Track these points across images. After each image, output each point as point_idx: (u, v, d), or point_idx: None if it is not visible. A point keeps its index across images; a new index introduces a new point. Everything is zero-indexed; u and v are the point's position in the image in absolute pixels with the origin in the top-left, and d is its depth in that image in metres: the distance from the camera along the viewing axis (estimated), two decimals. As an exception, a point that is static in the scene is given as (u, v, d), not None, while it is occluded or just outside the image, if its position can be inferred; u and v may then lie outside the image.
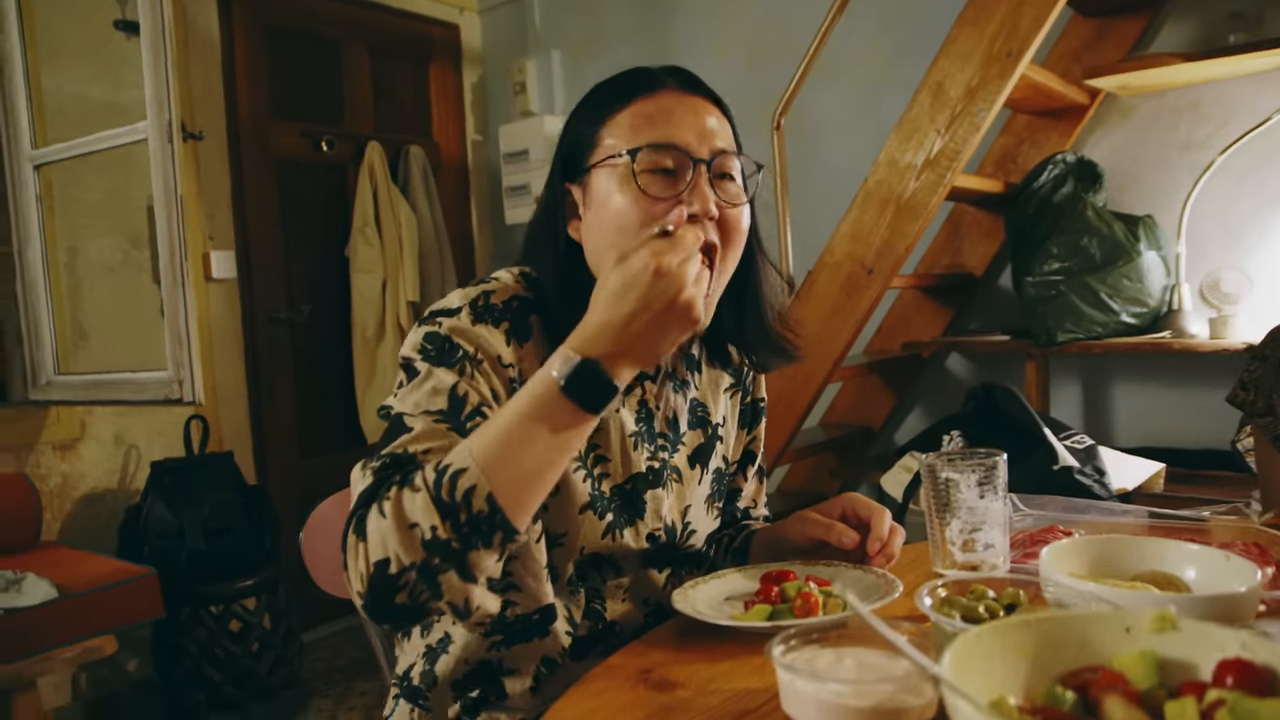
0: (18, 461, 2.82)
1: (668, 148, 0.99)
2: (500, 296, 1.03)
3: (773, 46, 3.35)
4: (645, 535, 1.11)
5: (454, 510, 0.82)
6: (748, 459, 1.32)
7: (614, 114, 1.03)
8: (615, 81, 1.07)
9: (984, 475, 0.98)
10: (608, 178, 1.01)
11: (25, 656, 2.16)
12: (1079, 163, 2.63)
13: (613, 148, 1.01)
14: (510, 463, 0.83)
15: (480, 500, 0.82)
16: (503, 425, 0.84)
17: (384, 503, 0.85)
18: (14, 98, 2.79)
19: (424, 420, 0.94)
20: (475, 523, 0.82)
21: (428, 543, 0.82)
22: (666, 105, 1.02)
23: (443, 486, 0.83)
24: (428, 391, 0.96)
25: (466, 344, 0.99)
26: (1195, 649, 0.59)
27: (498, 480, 0.83)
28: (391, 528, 0.83)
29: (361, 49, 3.85)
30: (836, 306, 2.53)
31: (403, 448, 0.92)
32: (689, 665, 0.89)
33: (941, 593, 0.81)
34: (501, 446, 0.83)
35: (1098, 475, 2.02)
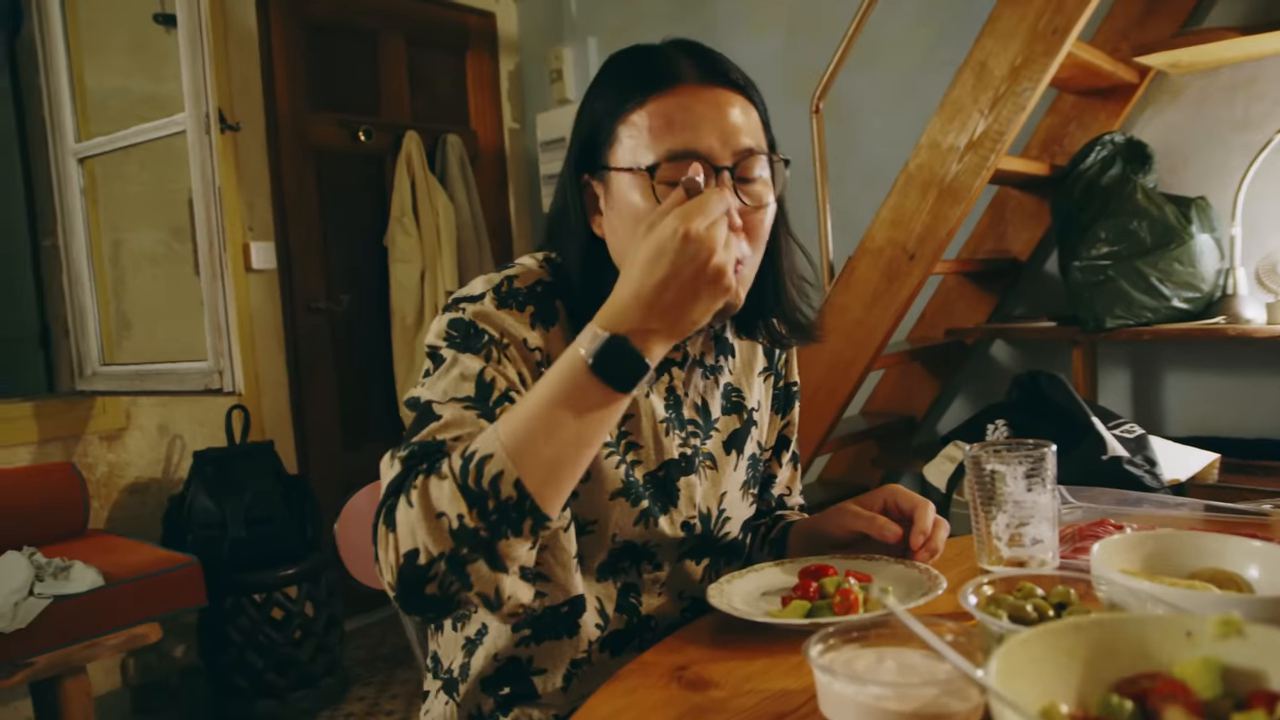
0: (66, 451, 2.87)
1: (687, 157, 0.94)
2: (524, 281, 1.01)
3: (812, 27, 3.29)
4: (680, 523, 1.09)
5: (481, 498, 0.80)
6: (782, 444, 1.29)
7: (630, 110, 0.97)
8: (629, 67, 1.01)
9: (1031, 467, 0.95)
10: (628, 185, 0.97)
11: (73, 643, 2.20)
12: (1128, 143, 2.56)
13: (631, 152, 0.96)
14: (538, 447, 0.81)
15: (508, 487, 0.80)
16: (530, 409, 0.82)
17: (411, 492, 0.83)
18: (58, 92, 2.83)
19: (452, 407, 0.92)
20: (504, 510, 0.80)
21: (455, 532, 0.80)
22: (685, 104, 0.95)
23: (469, 474, 0.81)
24: (454, 378, 0.94)
25: (491, 329, 0.97)
26: (1264, 656, 0.55)
27: (525, 466, 0.80)
28: (419, 517, 0.81)
29: (398, 39, 3.85)
30: (877, 293, 2.49)
31: (431, 436, 0.90)
32: (724, 663, 0.86)
33: (987, 590, 0.77)
34: (529, 431, 0.81)
35: (1148, 465, 1.96)
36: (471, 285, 1.03)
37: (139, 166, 3.03)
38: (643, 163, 0.95)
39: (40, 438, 2.81)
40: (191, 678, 3.06)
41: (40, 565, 2.25)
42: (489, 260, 3.93)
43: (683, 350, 1.11)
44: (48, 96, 2.83)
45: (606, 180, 1.00)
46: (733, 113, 0.97)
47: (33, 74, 2.87)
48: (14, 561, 2.22)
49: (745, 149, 0.96)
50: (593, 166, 1.02)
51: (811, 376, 2.56)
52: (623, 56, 1.04)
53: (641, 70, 0.99)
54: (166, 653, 3.06)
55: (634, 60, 1.01)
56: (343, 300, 3.63)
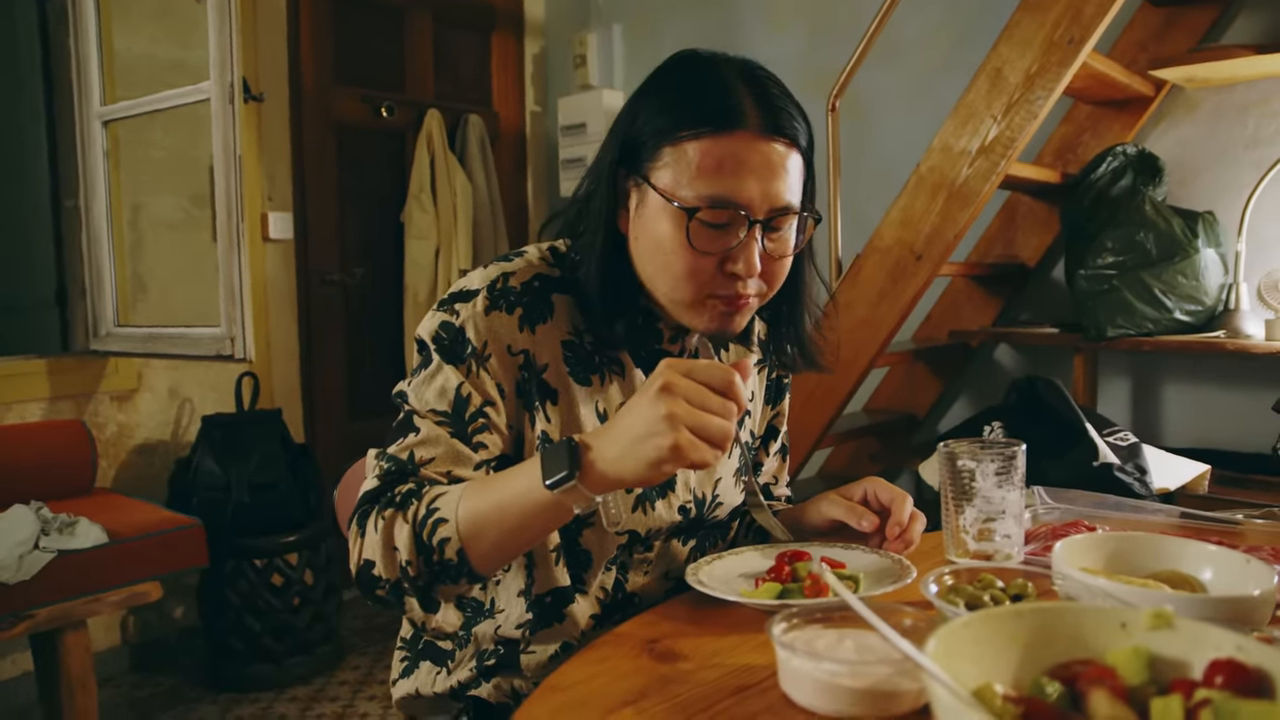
0: (77, 409, 2.92)
1: (726, 205, 0.96)
2: (520, 278, 1.04)
3: (835, 23, 3.31)
4: (677, 507, 1.13)
5: (428, 551, 0.91)
6: (770, 434, 1.32)
7: (684, 138, 0.97)
8: (694, 89, 0.99)
9: (1002, 465, 0.98)
10: (661, 210, 0.98)
11: (76, 597, 2.24)
12: (1139, 155, 2.57)
13: (674, 177, 0.97)
14: (487, 531, 0.90)
15: (451, 552, 0.91)
16: (488, 497, 0.90)
17: (380, 518, 0.94)
18: (86, 55, 2.87)
19: (429, 423, 1.00)
20: (444, 566, 0.92)
21: (402, 567, 0.92)
22: (739, 153, 0.96)
23: (424, 528, 0.91)
24: (436, 390, 1.01)
25: (476, 339, 1.02)
26: (1190, 648, 0.58)
27: (471, 544, 0.90)
28: (379, 544, 0.93)
29: (425, 17, 3.88)
30: (883, 292, 2.51)
31: (408, 451, 0.99)
32: (695, 638, 0.90)
33: (948, 580, 0.81)
34: (483, 517, 0.90)
35: (1139, 473, 1.99)
36: (469, 278, 1.06)
37: (162, 132, 3.07)
38: (685, 196, 0.96)
39: (52, 395, 2.87)
40: (190, 638, 3.11)
41: (46, 520, 2.29)
42: (504, 241, 3.96)
43: (680, 343, 1.14)
44: (76, 59, 2.87)
45: (643, 188, 1.01)
46: (780, 170, 0.98)
47: (62, 37, 2.91)
48: (21, 515, 2.26)
49: (782, 207, 0.99)
50: (632, 167, 1.03)
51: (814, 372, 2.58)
52: (688, 70, 1.03)
53: (706, 100, 0.98)
54: (166, 613, 3.12)
55: (700, 83, 1.00)
56: (356, 273, 3.67)
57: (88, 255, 2.92)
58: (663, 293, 1.03)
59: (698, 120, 0.97)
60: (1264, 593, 0.76)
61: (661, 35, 3.82)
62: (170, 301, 3.11)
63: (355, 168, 3.67)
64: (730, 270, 0.98)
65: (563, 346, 1.06)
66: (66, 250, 3.05)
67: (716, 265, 0.98)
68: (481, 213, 3.87)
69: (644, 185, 1.00)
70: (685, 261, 0.98)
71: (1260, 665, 0.54)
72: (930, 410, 3.24)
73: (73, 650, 2.31)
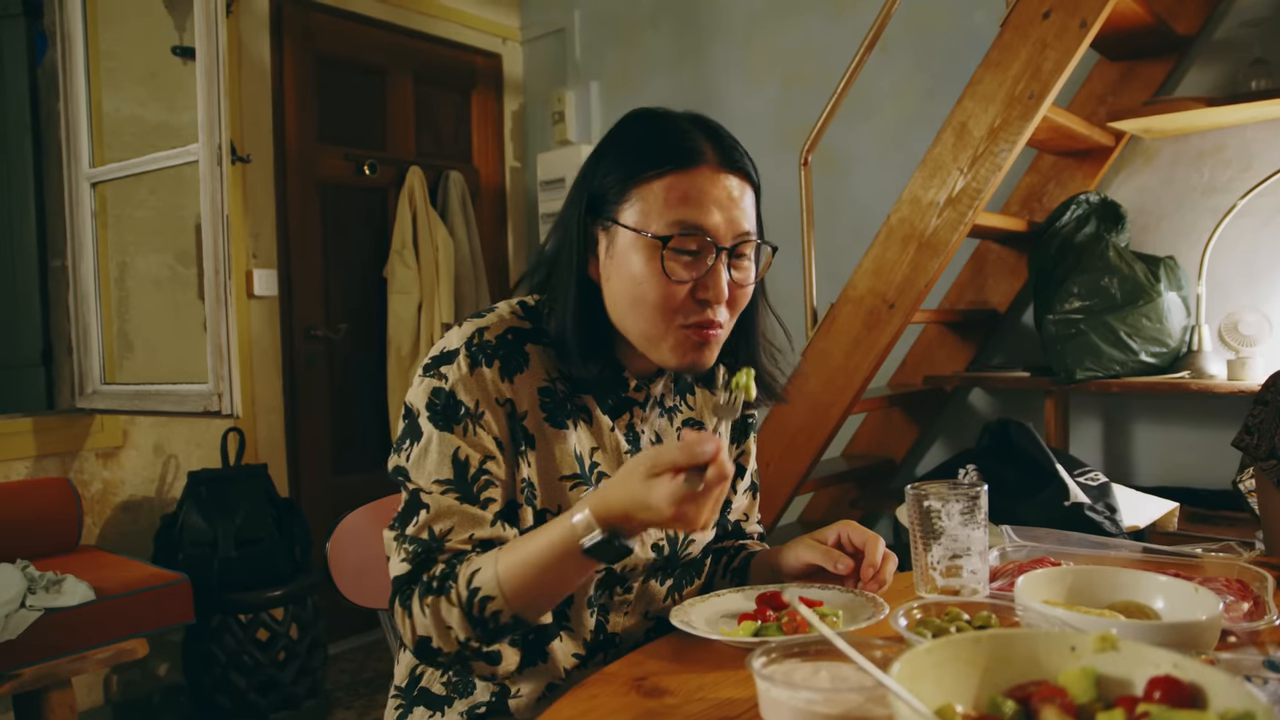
0: (62, 467, 2.93)
1: (695, 232, 1.04)
2: (494, 332, 1.10)
3: (807, 79, 3.42)
4: (651, 545, 1.18)
5: (483, 624, 0.99)
6: (737, 472, 1.37)
7: (649, 179, 1.06)
8: (654, 135, 1.08)
9: (966, 505, 1.03)
10: (633, 245, 1.06)
11: (62, 655, 2.24)
12: (1102, 203, 2.66)
13: (642, 215, 1.05)
14: (530, 592, 0.98)
15: (505, 618, 0.99)
16: (527, 564, 0.97)
17: (424, 604, 1.01)
18: (76, 119, 2.93)
19: (436, 495, 1.05)
20: (500, 629, 1.00)
21: (462, 643, 1.01)
22: (702, 185, 1.05)
23: (473, 607, 0.99)
24: (435, 459, 1.06)
25: (468, 399, 1.07)
26: (1133, 667, 0.63)
27: (519, 605, 0.99)
28: (431, 626, 1.01)
29: (406, 77, 3.97)
30: (858, 340, 2.57)
31: (425, 529, 1.05)
32: (679, 675, 0.94)
33: (917, 614, 0.85)
34: (523, 583, 0.98)
35: (1109, 512, 2.04)
36: (447, 339, 1.11)
37: (148, 192, 3.12)
38: (655, 229, 1.04)
39: (38, 453, 2.88)
40: (173, 696, 3.10)
41: (33, 578, 2.29)
42: (485, 294, 4.02)
43: (645, 391, 1.20)
44: (66, 122, 2.93)
45: (612, 233, 1.08)
46: (739, 200, 1.08)
47: (52, 101, 2.97)
48: (7, 574, 2.26)
49: (744, 233, 1.08)
50: (598, 216, 1.10)
51: (792, 418, 2.65)
52: (647, 122, 1.12)
53: (667, 143, 1.07)
54: (150, 670, 3.10)
55: (659, 130, 1.09)
56: (340, 329, 3.72)
57: (75, 314, 2.95)
58: (637, 329, 1.09)
59: (661, 160, 1.06)
60: (1210, 618, 0.81)
61: (638, 92, 3.93)
62: (157, 359, 3.14)
63: (338, 225, 3.74)
64: (701, 297, 1.06)
65: (539, 394, 1.11)
66: (53, 309, 3.08)
67: (689, 293, 1.06)
68: (463, 267, 3.93)
69: (613, 228, 1.08)
70: (659, 291, 1.05)
71: (1194, 681, 0.59)
72: (907, 454, 3.29)
73: (57, 710, 2.30)
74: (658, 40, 3.88)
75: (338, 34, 3.73)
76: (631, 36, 3.96)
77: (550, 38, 4.27)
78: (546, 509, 1.11)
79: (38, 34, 3.06)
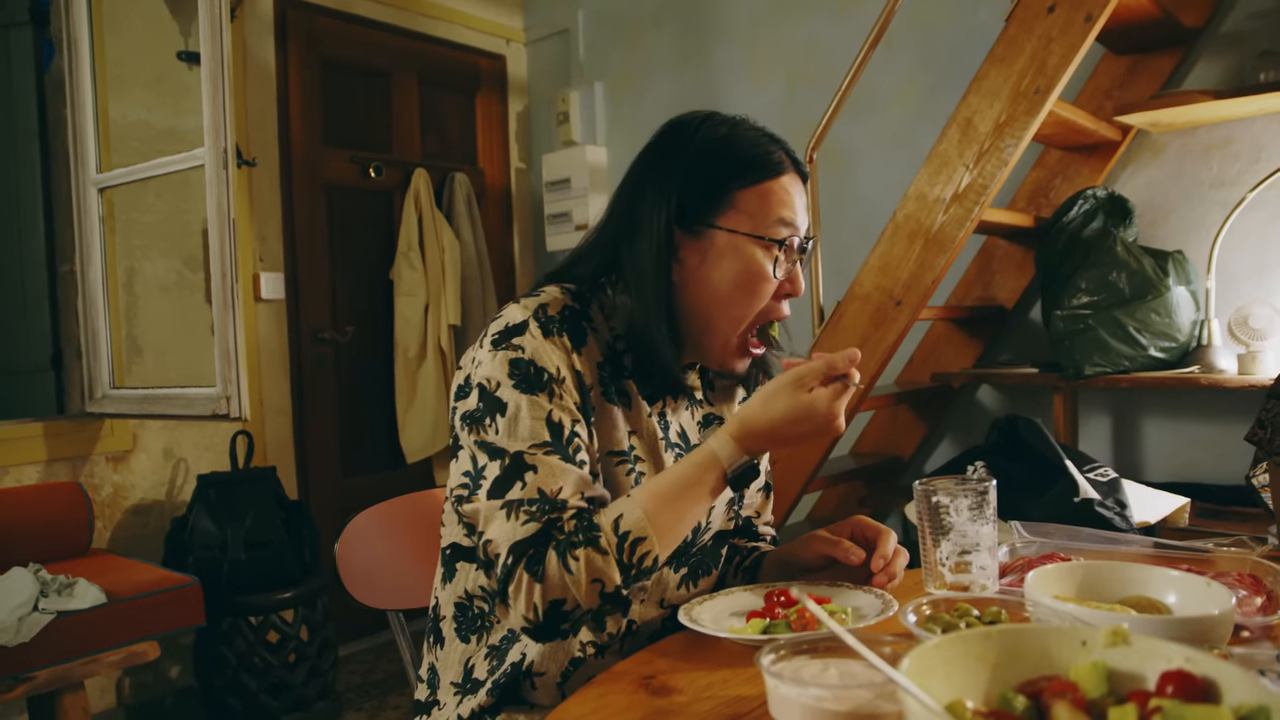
0: (73, 471, 2.95)
1: (795, 234, 1.15)
2: (554, 308, 1.12)
3: (812, 76, 3.41)
4: None
5: (631, 569, 1.01)
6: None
7: (748, 186, 1.14)
8: (747, 148, 1.16)
9: (975, 500, 1.03)
10: (738, 247, 1.13)
11: (74, 658, 2.25)
12: (1109, 198, 2.65)
13: (750, 218, 1.13)
14: (675, 529, 1.04)
15: (650, 560, 1.02)
16: (672, 498, 1.04)
17: (572, 558, 0.99)
18: (83, 125, 2.94)
19: (540, 456, 1.05)
20: (643, 573, 1.03)
21: (608, 595, 1.01)
22: (791, 190, 1.16)
23: (625, 551, 1.01)
24: (529, 426, 1.06)
25: (549, 364, 1.08)
26: (1145, 662, 0.63)
27: (665, 543, 1.03)
28: (581, 581, 0.99)
29: (410, 79, 3.98)
30: (864, 337, 2.57)
31: (538, 489, 1.03)
32: (688, 673, 0.94)
33: (926, 610, 0.85)
34: (671, 519, 1.03)
35: (1119, 508, 2.03)
36: (509, 314, 1.12)
37: (155, 197, 3.13)
38: (767, 232, 1.13)
39: (48, 457, 2.89)
40: (185, 698, 3.11)
41: (45, 582, 2.30)
42: (491, 296, 4.02)
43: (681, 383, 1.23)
44: (73, 129, 2.94)
45: (706, 236, 1.14)
46: (807, 203, 1.20)
47: (59, 107, 2.98)
48: (20, 577, 2.28)
49: (811, 232, 1.20)
50: (692, 220, 1.15)
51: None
52: (726, 132, 1.18)
53: (758, 152, 1.16)
54: (162, 672, 3.11)
55: (746, 140, 1.17)
56: (347, 331, 3.72)
57: (84, 318, 2.96)
58: (725, 323, 1.16)
59: (759, 169, 1.15)
60: (1223, 613, 0.80)
61: (642, 91, 3.93)
62: (165, 363, 3.15)
63: (345, 228, 3.75)
64: (785, 292, 1.17)
65: (597, 369, 1.14)
66: (62, 314, 3.10)
67: (775, 289, 1.16)
68: (469, 269, 3.94)
69: (710, 233, 1.14)
70: (764, 289, 1.14)
71: (1207, 675, 0.59)
72: (916, 452, 3.28)
73: (70, 712, 2.31)
74: (661, 40, 3.88)
75: (342, 37, 3.74)
76: (635, 37, 3.96)
77: (554, 38, 4.27)
78: None
79: (45, 41, 3.08)
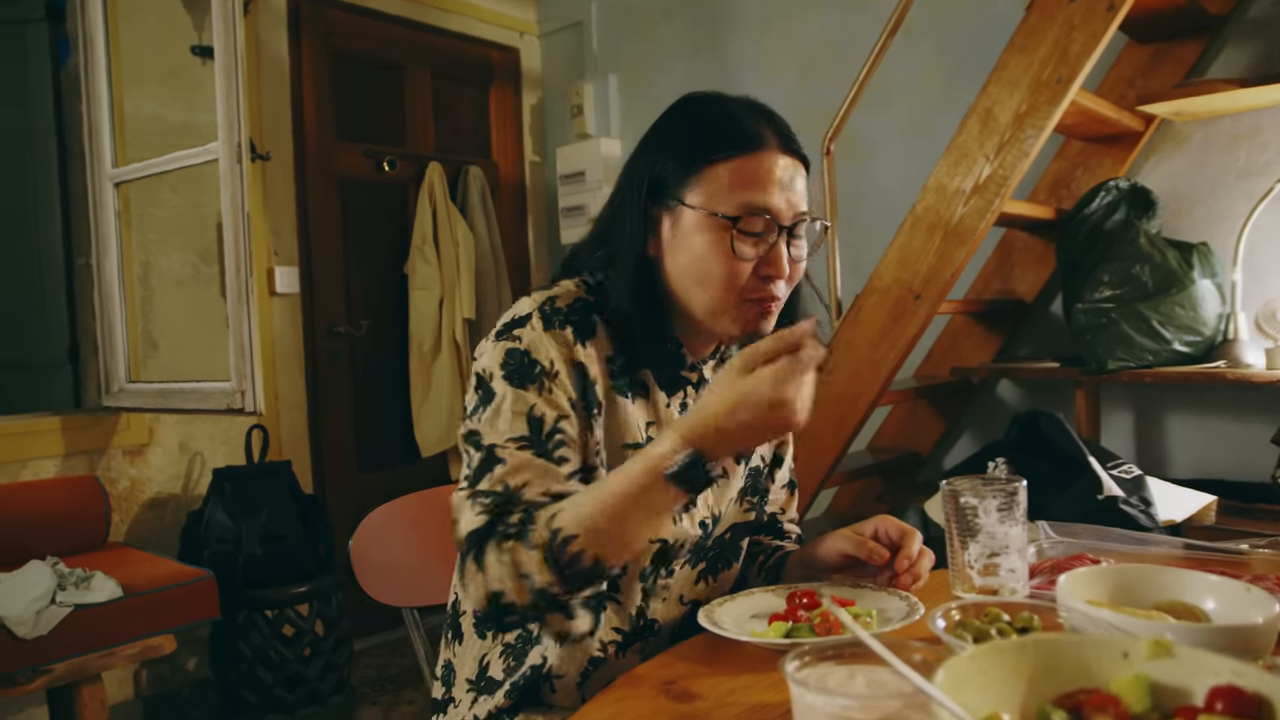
0: (90, 465, 2.95)
1: (762, 214, 1.08)
2: (565, 300, 1.12)
3: (825, 68, 3.38)
4: (699, 521, 1.18)
5: (563, 568, 0.95)
6: (776, 461, 1.37)
7: (717, 162, 1.09)
8: (719, 124, 1.12)
9: (1004, 501, 1.00)
10: (700, 225, 1.09)
11: (91, 651, 2.26)
12: (1132, 189, 2.61)
13: (711, 197, 1.09)
14: (614, 532, 0.95)
15: (587, 560, 0.95)
16: (610, 501, 0.95)
17: (502, 550, 0.97)
18: (99, 120, 2.93)
19: (512, 450, 1.04)
20: (580, 574, 0.96)
21: (537, 591, 0.96)
22: (767, 167, 1.09)
23: (554, 549, 0.95)
24: (509, 417, 1.05)
25: (543, 357, 1.08)
26: (1191, 675, 0.60)
27: (603, 546, 0.95)
28: (508, 574, 0.97)
29: (424, 72, 3.96)
30: (884, 331, 2.54)
31: (502, 483, 1.02)
32: (710, 678, 0.92)
33: (955, 615, 0.83)
34: (608, 520, 0.95)
35: (1144, 506, 2.00)
36: (518, 306, 1.13)
37: (170, 191, 3.13)
38: (724, 210, 1.08)
39: (66, 451, 2.89)
40: (202, 690, 3.11)
41: (62, 575, 2.31)
42: (507, 290, 4.01)
43: (698, 373, 1.22)
44: (88, 124, 2.94)
45: (676, 213, 1.12)
46: (797, 181, 1.13)
47: (75, 103, 2.98)
48: (37, 570, 2.29)
49: (802, 213, 1.12)
50: (662, 197, 1.13)
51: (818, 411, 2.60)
52: (706, 107, 1.15)
53: (733, 128, 1.11)
54: (179, 665, 3.12)
55: (722, 114, 1.13)
56: (362, 325, 3.71)
57: (100, 313, 2.96)
58: (701, 303, 1.12)
59: (728, 145, 1.10)
60: (1266, 621, 0.78)
61: (656, 84, 3.90)
62: (180, 357, 3.14)
63: (359, 221, 3.73)
64: (764, 274, 1.10)
65: (606, 362, 1.13)
66: (79, 309, 3.10)
67: (752, 270, 1.10)
68: (484, 262, 3.92)
69: (679, 208, 1.11)
70: (727, 269, 1.09)
71: (1259, 690, 0.56)
72: (934, 447, 3.25)
73: (88, 704, 2.32)
74: (673, 33, 3.85)
75: (355, 30, 3.72)
76: (647, 29, 3.93)
77: (567, 31, 4.25)
78: None
79: (61, 38, 3.07)
